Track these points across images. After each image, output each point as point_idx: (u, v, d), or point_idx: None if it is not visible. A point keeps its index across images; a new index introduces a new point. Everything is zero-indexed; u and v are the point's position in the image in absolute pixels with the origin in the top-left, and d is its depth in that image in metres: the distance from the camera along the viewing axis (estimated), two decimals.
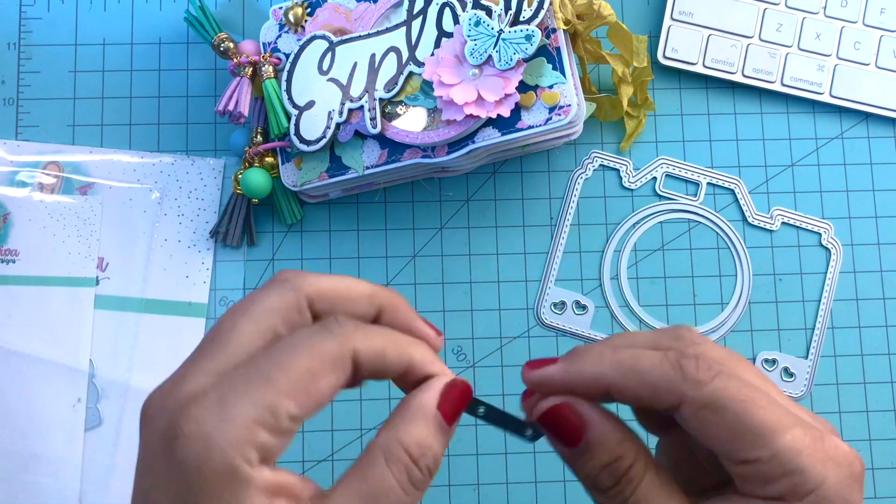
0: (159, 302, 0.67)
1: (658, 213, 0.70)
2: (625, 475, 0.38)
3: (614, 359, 0.39)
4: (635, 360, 0.38)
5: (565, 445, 0.39)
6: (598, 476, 0.39)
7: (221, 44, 0.66)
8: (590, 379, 0.39)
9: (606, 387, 0.38)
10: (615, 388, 0.38)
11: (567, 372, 0.39)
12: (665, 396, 0.37)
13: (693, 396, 0.36)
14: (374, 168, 0.63)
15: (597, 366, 0.39)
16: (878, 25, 0.71)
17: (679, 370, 0.37)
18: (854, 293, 0.69)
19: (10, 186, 0.68)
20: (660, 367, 0.38)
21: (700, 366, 0.37)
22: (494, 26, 0.60)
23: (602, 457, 0.38)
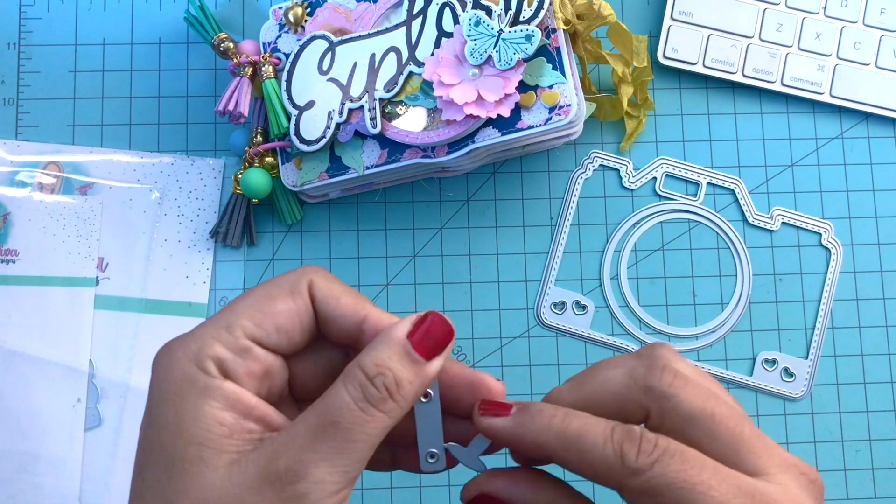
0: (159, 302, 0.67)
1: (658, 213, 0.70)
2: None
3: (561, 429, 0.38)
4: (580, 435, 0.37)
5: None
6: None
7: (221, 44, 0.66)
8: (532, 446, 0.38)
9: (550, 456, 0.38)
10: (557, 458, 0.38)
11: (513, 432, 0.39)
12: (605, 479, 0.37)
13: (631, 485, 0.36)
14: (374, 168, 0.63)
15: (542, 433, 0.38)
16: (878, 25, 0.71)
17: (619, 457, 0.36)
18: (854, 293, 0.69)
19: (10, 186, 0.68)
20: (602, 449, 0.36)
21: (642, 450, 0.36)
22: (494, 26, 0.60)
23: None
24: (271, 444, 0.36)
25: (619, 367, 0.39)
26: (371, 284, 0.69)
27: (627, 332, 0.68)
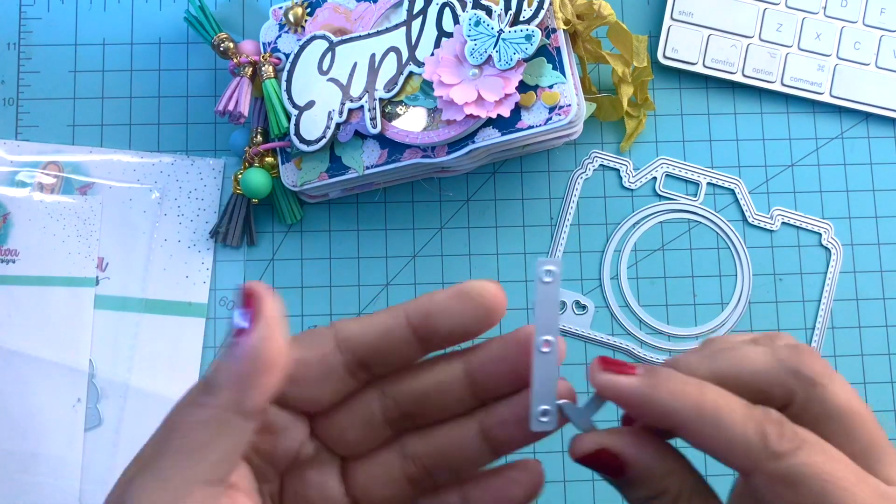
0: (159, 302, 0.67)
1: (658, 213, 0.70)
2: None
3: (697, 398, 0.35)
4: (718, 408, 0.35)
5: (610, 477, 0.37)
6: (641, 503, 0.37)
7: (221, 44, 0.66)
8: (663, 412, 0.35)
9: (678, 425, 0.35)
10: (687, 429, 0.35)
11: (643, 393, 0.35)
12: (739, 459, 0.34)
13: (770, 469, 0.34)
14: (374, 168, 0.63)
15: (676, 399, 0.35)
16: (878, 25, 0.71)
17: (761, 437, 0.34)
18: (854, 293, 0.69)
19: (9, 186, 0.68)
20: (741, 426, 0.34)
21: (785, 434, 0.34)
22: (494, 26, 0.60)
23: (643, 491, 0.37)
24: None
25: (759, 346, 0.36)
26: (371, 284, 0.69)
27: (627, 332, 0.68)
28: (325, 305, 0.68)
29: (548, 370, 0.37)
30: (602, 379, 0.36)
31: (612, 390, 0.36)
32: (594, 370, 0.36)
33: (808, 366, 0.35)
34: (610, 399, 0.36)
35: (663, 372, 0.36)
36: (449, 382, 0.38)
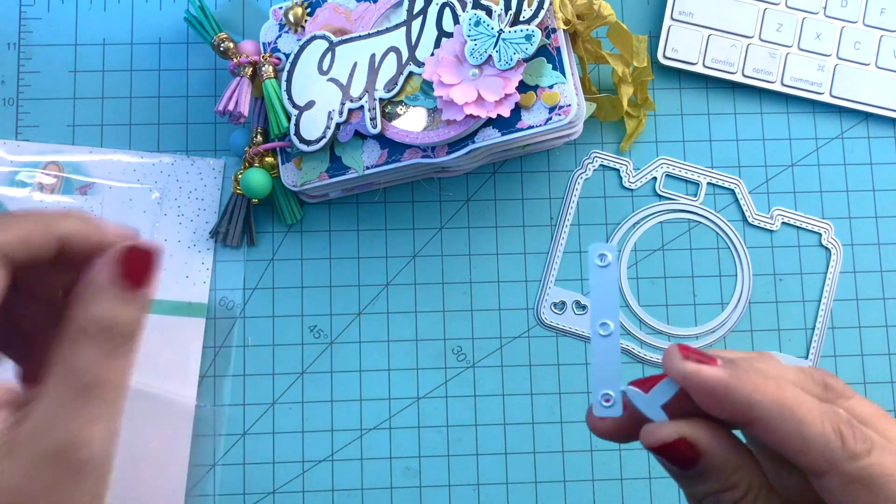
0: (159, 302, 0.67)
1: (658, 213, 0.70)
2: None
3: (777, 393, 0.35)
4: (798, 405, 0.35)
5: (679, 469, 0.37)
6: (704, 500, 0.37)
7: (221, 44, 0.66)
8: (744, 404, 0.35)
9: (755, 419, 0.35)
10: (765, 424, 0.35)
11: (727, 383, 0.35)
12: (815, 458, 0.35)
13: (847, 469, 0.34)
14: (374, 168, 0.63)
15: (758, 391, 0.35)
16: (878, 25, 0.71)
17: (839, 437, 0.35)
18: (854, 293, 0.69)
19: (9, 186, 0.68)
20: (820, 425, 0.35)
21: (857, 435, 0.35)
22: (494, 26, 0.60)
23: (713, 485, 0.36)
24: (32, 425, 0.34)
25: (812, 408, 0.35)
26: (371, 284, 0.69)
27: (627, 332, 0.68)
28: (325, 305, 0.68)
29: (608, 354, 0.38)
30: (688, 367, 0.36)
31: (697, 379, 0.35)
32: (673, 356, 0.36)
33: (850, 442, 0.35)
34: (691, 387, 0.36)
35: (744, 364, 0.36)
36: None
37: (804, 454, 0.35)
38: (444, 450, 0.67)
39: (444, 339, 0.68)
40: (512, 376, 0.68)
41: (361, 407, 0.67)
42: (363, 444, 0.67)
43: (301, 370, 0.67)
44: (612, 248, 0.37)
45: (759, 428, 0.35)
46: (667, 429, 0.37)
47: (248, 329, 0.68)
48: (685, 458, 0.36)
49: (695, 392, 0.36)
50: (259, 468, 0.67)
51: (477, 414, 0.67)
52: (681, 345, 0.37)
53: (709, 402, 0.36)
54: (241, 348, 0.68)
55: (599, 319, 0.37)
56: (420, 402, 0.67)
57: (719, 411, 0.36)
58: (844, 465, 0.34)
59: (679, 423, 0.37)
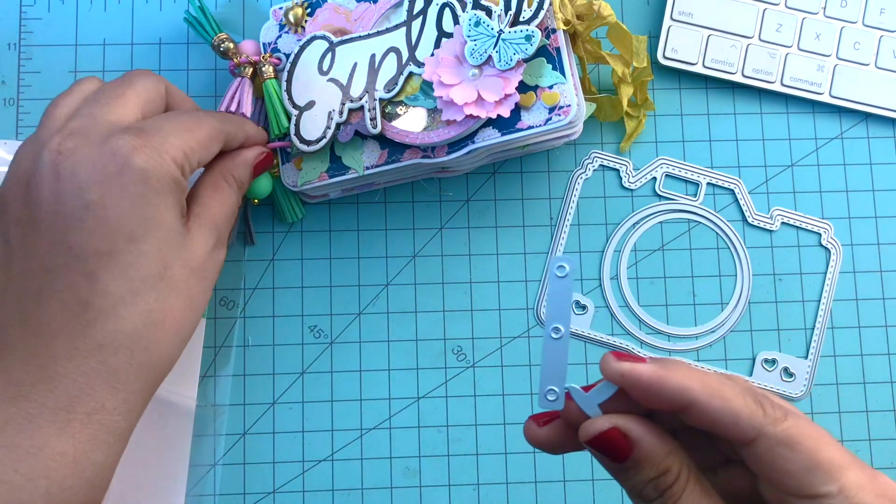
0: None
1: (658, 213, 0.70)
2: (669, 488, 0.40)
3: (703, 379, 0.40)
4: (721, 385, 0.40)
5: (612, 461, 0.41)
6: (643, 489, 0.41)
7: (221, 44, 0.66)
8: (676, 390, 0.40)
9: (689, 402, 0.40)
10: (698, 406, 0.39)
11: (658, 376, 0.40)
12: (744, 427, 0.39)
13: (772, 432, 0.39)
14: (374, 168, 0.63)
15: (686, 379, 0.40)
16: (878, 25, 0.71)
17: (759, 406, 0.39)
18: (854, 293, 0.69)
19: None
20: (742, 398, 0.39)
21: (773, 405, 0.40)
22: (494, 26, 0.60)
23: (648, 471, 0.41)
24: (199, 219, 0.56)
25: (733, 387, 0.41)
26: (371, 284, 0.69)
27: (627, 332, 0.68)
28: (325, 305, 0.68)
29: (557, 354, 0.42)
30: (623, 366, 0.40)
31: (631, 376, 0.40)
32: (609, 361, 0.41)
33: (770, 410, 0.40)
34: (627, 384, 0.40)
35: (669, 360, 0.41)
36: None
37: (735, 425, 0.39)
38: (444, 450, 0.67)
39: (444, 339, 0.68)
40: (512, 376, 0.68)
41: (361, 407, 0.67)
42: (363, 444, 0.67)
43: (301, 370, 0.67)
44: (572, 261, 0.42)
45: (694, 410, 0.40)
46: (602, 421, 0.41)
47: (248, 329, 0.68)
48: (619, 447, 0.41)
49: (633, 387, 0.40)
50: (259, 468, 0.67)
51: (477, 414, 0.67)
52: (613, 352, 0.41)
53: (645, 394, 0.40)
54: (241, 348, 0.68)
55: (553, 324, 0.42)
56: (420, 402, 0.67)
57: (656, 401, 0.41)
58: (768, 428, 0.39)
59: (612, 416, 0.41)
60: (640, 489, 0.41)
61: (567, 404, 0.43)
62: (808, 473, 0.38)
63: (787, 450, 0.38)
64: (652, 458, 0.40)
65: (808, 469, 0.38)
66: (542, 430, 0.44)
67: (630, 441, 0.40)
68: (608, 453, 0.41)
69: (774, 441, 0.39)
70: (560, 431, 0.44)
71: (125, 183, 0.49)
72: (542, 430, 0.44)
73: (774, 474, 0.39)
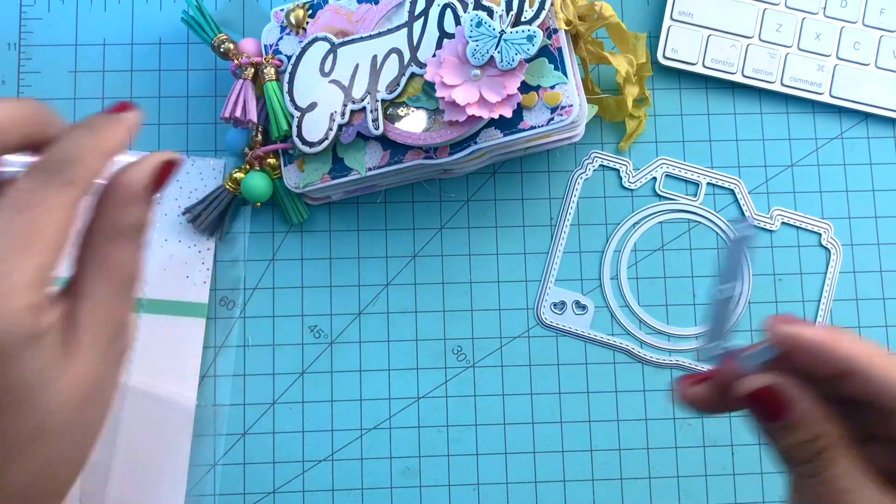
0: (159, 302, 0.67)
1: (658, 213, 0.70)
2: (821, 454, 0.39)
3: (869, 349, 0.39)
4: (882, 354, 0.39)
5: (769, 420, 0.41)
6: (794, 450, 0.40)
7: (221, 45, 0.66)
8: (843, 357, 0.39)
9: (853, 370, 0.39)
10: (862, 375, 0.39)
11: (831, 339, 0.39)
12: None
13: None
14: (376, 169, 0.63)
15: (855, 347, 0.39)
16: (878, 25, 0.71)
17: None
18: (854, 293, 0.70)
19: None
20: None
21: None
22: (496, 27, 0.60)
23: (802, 433, 0.40)
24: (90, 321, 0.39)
25: None
26: (371, 284, 0.69)
27: (627, 332, 0.68)
28: (325, 305, 0.68)
29: (724, 313, 0.43)
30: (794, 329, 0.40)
31: (804, 337, 0.40)
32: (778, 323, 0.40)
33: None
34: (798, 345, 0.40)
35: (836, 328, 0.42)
36: None
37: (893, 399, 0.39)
38: (444, 450, 0.67)
39: (444, 339, 0.68)
40: (512, 376, 0.68)
41: (361, 407, 0.67)
42: (363, 444, 0.67)
43: (301, 370, 0.67)
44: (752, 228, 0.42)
45: (856, 379, 0.39)
46: (762, 378, 0.41)
47: (248, 329, 0.68)
48: (777, 405, 0.40)
49: (801, 349, 0.40)
50: (259, 468, 0.67)
51: (477, 414, 0.67)
52: (779, 315, 0.41)
53: (812, 358, 0.40)
54: (241, 348, 0.68)
55: (725, 283, 0.43)
56: (420, 401, 0.67)
57: (820, 366, 0.40)
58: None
59: (771, 374, 0.41)
60: (792, 451, 0.41)
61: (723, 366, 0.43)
62: None
63: None
64: (807, 420, 0.40)
65: None
66: (696, 388, 0.44)
67: (787, 400, 0.40)
68: (765, 411, 0.41)
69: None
70: (712, 391, 0.44)
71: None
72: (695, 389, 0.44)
73: None
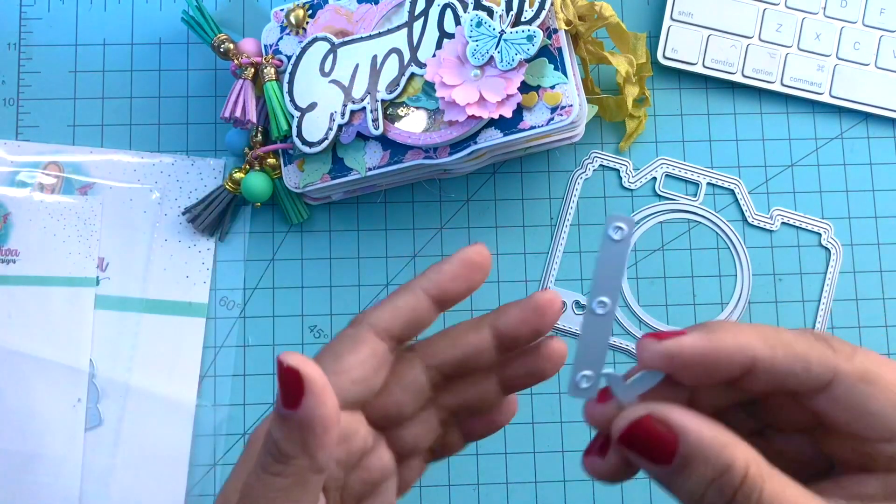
0: (159, 302, 0.67)
1: (658, 213, 0.70)
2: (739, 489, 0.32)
3: (757, 331, 0.34)
4: (779, 332, 0.34)
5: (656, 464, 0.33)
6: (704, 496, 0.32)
7: (221, 45, 0.66)
8: (734, 351, 0.33)
9: (751, 362, 0.33)
10: (762, 363, 0.34)
11: (708, 341, 0.34)
12: (817, 371, 0.33)
13: (848, 369, 0.33)
14: (376, 169, 0.63)
15: (741, 337, 0.34)
16: (878, 25, 0.71)
17: (826, 345, 0.34)
18: (854, 293, 0.69)
19: (10, 186, 0.68)
20: (806, 341, 0.34)
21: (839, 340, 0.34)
22: (496, 27, 0.60)
23: (705, 471, 0.32)
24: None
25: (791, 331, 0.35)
26: (371, 284, 0.69)
27: (627, 332, 0.68)
28: (325, 305, 0.68)
29: (598, 334, 0.35)
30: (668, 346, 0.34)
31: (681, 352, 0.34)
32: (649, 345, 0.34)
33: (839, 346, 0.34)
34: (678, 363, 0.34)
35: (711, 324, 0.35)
36: (481, 346, 0.41)
37: (807, 371, 0.34)
38: None
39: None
40: None
41: None
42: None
43: None
44: (630, 222, 0.35)
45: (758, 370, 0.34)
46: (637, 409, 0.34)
47: (248, 329, 0.68)
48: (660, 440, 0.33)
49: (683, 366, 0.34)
50: None
51: None
52: (649, 334, 0.35)
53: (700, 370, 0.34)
54: (241, 348, 0.68)
55: (599, 296, 0.35)
56: None
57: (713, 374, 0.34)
58: (844, 365, 0.34)
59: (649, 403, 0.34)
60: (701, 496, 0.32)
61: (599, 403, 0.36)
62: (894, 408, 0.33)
63: (869, 386, 0.33)
64: (705, 451, 0.32)
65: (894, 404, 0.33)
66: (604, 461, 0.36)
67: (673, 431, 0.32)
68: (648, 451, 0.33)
69: (853, 378, 0.33)
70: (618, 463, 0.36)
71: None
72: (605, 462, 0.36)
73: (858, 419, 0.33)
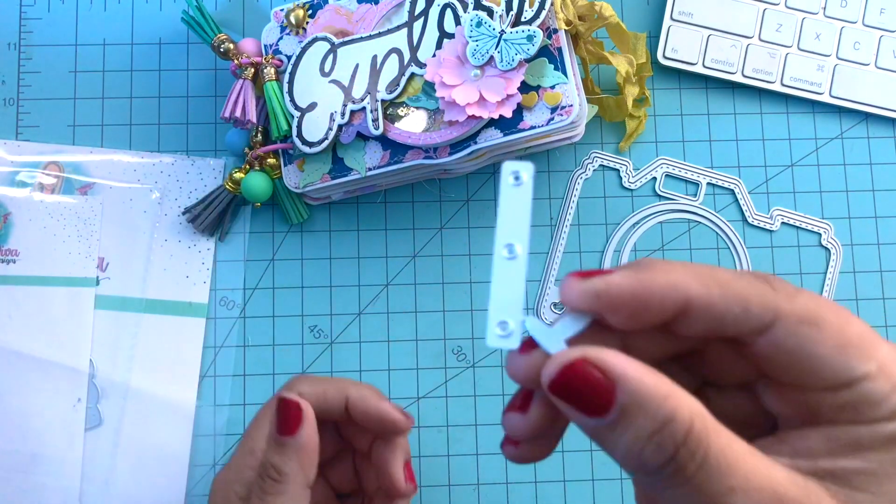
0: (159, 302, 0.67)
1: (658, 214, 0.70)
2: (683, 444, 0.28)
3: (691, 269, 0.31)
4: (715, 270, 0.32)
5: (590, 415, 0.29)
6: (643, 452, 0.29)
7: (221, 45, 0.66)
8: (667, 290, 0.31)
9: (685, 302, 0.31)
10: (698, 302, 0.31)
11: (638, 280, 0.31)
12: (757, 311, 0.31)
13: (790, 310, 0.31)
14: (376, 169, 0.63)
15: (673, 274, 0.31)
16: (878, 25, 0.71)
17: (767, 283, 0.31)
18: (854, 293, 0.69)
19: (10, 186, 0.68)
20: (744, 279, 0.31)
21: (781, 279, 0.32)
22: (496, 27, 0.60)
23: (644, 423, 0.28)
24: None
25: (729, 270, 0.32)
26: (371, 284, 0.69)
27: None
28: (325, 305, 0.68)
29: (510, 279, 0.33)
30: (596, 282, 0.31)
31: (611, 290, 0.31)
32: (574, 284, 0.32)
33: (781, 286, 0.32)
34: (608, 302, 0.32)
35: (641, 261, 0.32)
36: None
37: (747, 311, 0.31)
38: (444, 450, 0.67)
39: (444, 339, 0.68)
40: None
41: None
42: None
43: (301, 370, 0.67)
44: (529, 167, 0.34)
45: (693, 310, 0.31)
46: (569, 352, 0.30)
47: (248, 329, 0.68)
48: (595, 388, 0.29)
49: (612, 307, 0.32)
50: None
51: (477, 414, 0.67)
52: (574, 272, 0.32)
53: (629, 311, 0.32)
54: (241, 348, 0.68)
55: (505, 241, 0.34)
56: (420, 402, 0.67)
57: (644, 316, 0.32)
58: (786, 304, 0.31)
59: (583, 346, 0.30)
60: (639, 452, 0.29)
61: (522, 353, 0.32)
62: (840, 352, 0.30)
63: (812, 328, 0.30)
64: (645, 400, 0.28)
65: (839, 347, 0.30)
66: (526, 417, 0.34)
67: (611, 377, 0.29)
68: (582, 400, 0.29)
69: (795, 320, 0.31)
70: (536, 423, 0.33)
71: None
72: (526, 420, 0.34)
73: (800, 363, 0.31)
